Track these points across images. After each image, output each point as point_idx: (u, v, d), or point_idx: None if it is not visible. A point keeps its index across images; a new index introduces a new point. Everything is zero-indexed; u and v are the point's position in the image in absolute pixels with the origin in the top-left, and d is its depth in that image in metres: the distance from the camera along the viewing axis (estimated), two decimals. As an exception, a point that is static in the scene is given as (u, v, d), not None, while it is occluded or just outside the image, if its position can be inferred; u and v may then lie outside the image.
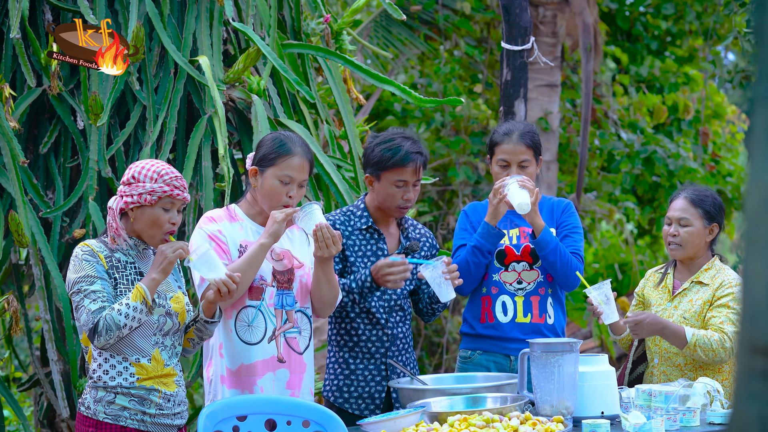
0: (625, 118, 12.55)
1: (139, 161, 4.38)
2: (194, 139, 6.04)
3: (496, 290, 5.33)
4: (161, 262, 4.20)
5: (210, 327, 4.44)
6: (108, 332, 4.15)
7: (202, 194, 6.04)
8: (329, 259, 4.70)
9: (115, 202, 4.31)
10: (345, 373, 5.12)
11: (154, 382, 4.29)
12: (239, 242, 4.71)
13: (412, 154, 5.03)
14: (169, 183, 4.28)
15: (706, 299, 5.20)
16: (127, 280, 4.27)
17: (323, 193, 6.30)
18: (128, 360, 4.25)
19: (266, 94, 6.23)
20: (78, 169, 6.31)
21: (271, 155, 4.70)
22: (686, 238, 5.23)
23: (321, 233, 4.62)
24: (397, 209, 5.08)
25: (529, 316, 5.34)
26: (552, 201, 5.49)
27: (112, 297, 4.22)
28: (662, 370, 5.24)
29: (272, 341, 4.73)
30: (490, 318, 5.33)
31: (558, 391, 4.52)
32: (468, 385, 4.75)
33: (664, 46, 13.24)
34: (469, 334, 5.38)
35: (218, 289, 4.29)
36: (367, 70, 6.33)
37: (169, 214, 4.29)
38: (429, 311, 5.27)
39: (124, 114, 6.28)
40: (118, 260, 4.28)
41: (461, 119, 11.59)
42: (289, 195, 4.69)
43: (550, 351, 4.55)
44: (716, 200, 5.29)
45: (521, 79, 6.99)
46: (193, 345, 4.49)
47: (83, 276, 4.22)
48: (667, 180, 11.85)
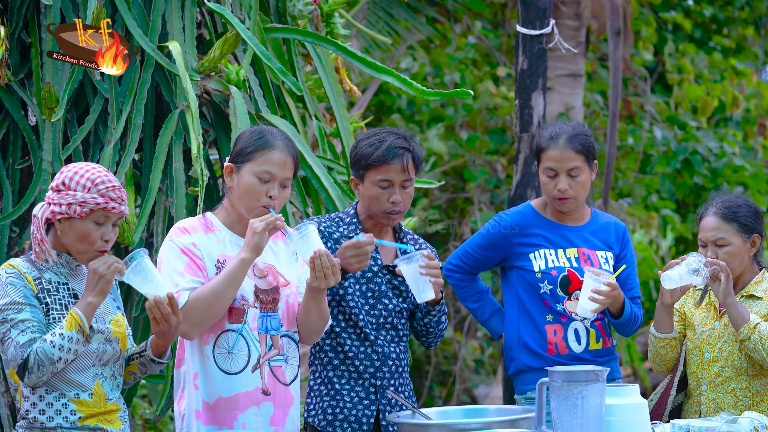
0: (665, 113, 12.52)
1: (74, 164, 4.32)
2: (164, 137, 6.03)
3: (565, 318, 5.39)
4: (97, 283, 4.15)
5: (154, 366, 4.41)
6: (40, 368, 4.10)
7: (172, 200, 6.02)
8: (324, 289, 4.68)
9: (41, 210, 4.25)
10: (330, 393, 5.09)
11: (98, 420, 4.25)
12: (216, 256, 4.68)
13: (396, 149, 5.01)
14: (104, 194, 4.22)
15: (763, 314, 5.22)
16: (60, 305, 4.23)
17: (311, 198, 6.29)
18: (66, 396, 4.20)
19: (246, 85, 6.21)
20: (29, 171, 6.29)
21: (248, 149, 4.67)
22: (728, 260, 5.24)
23: (320, 261, 4.60)
24: (384, 214, 5.06)
25: (602, 341, 5.43)
26: (610, 221, 5.57)
27: (43, 326, 4.16)
28: (712, 398, 5.26)
29: (256, 370, 4.70)
30: (562, 349, 5.39)
31: (582, 426, 4.50)
32: (478, 420, 4.71)
33: (708, 36, 13.21)
34: (534, 369, 5.37)
35: (157, 316, 4.23)
36: (362, 58, 6.31)
37: (102, 229, 4.24)
38: (422, 330, 5.24)
39: (82, 108, 6.27)
40: (48, 281, 4.23)
41: (477, 113, 11.57)
42: (270, 195, 4.65)
43: (572, 380, 4.52)
44: (750, 207, 5.29)
45: (539, 68, 6.97)
46: (133, 378, 4.46)
47: (9, 303, 4.15)
48: (710, 181, 11.81)
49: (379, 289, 5.10)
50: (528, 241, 5.42)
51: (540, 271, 5.37)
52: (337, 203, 6.07)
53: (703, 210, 5.36)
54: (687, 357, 5.36)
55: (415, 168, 5.06)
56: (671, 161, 11.76)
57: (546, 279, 5.36)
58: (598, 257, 5.42)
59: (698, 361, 5.31)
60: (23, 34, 6.21)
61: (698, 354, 5.31)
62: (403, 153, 5.01)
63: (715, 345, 5.27)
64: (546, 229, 5.43)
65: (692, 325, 5.36)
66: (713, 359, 5.27)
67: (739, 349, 5.21)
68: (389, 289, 5.11)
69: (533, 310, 5.40)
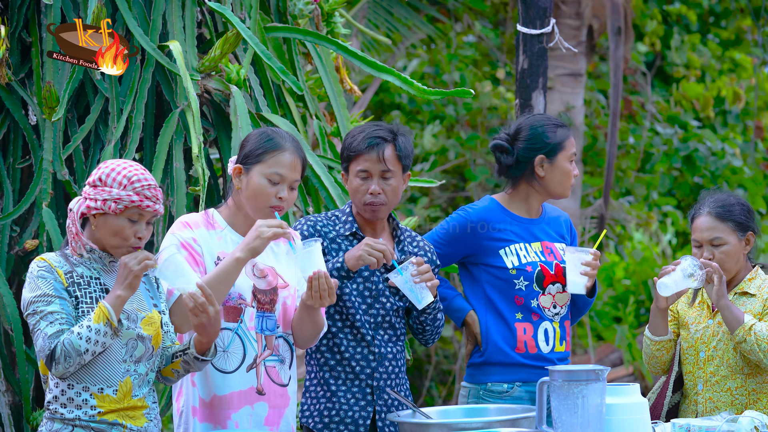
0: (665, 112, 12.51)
1: (111, 161, 4.36)
2: (164, 136, 6.02)
3: (537, 317, 5.35)
4: (126, 277, 4.17)
5: (198, 364, 4.41)
6: (67, 359, 4.13)
7: (173, 200, 6.02)
8: (318, 309, 4.69)
9: (77, 204, 4.30)
10: (327, 395, 5.08)
11: (118, 416, 4.26)
12: (216, 253, 4.69)
13: (372, 138, 5.00)
14: (140, 192, 4.25)
15: (757, 312, 5.23)
16: (90, 298, 4.25)
17: (311, 197, 6.28)
18: (89, 390, 4.23)
19: (247, 84, 6.21)
20: (30, 170, 6.29)
21: (257, 151, 4.69)
22: (724, 260, 5.25)
23: (317, 282, 4.60)
24: (363, 206, 5.04)
25: (564, 344, 5.42)
26: (558, 213, 5.57)
27: (72, 318, 4.20)
28: (708, 397, 5.25)
29: (252, 370, 4.71)
30: (531, 347, 5.35)
31: (582, 426, 4.50)
32: (479, 419, 4.71)
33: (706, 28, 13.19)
34: (502, 363, 5.36)
35: (192, 308, 4.26)
36: (362, 58, 6.31)
37: (136, 226, 4.27)
38: (419, 328, 5.22)
39: (83, 108, 6.26)
40: (80, 275, 4.27)
41: (478, 112, 11.56)
42: (279, 197, 4.66)
43: (573, 380, 4.52)
44: (743, 205, 5.31)
45: (540, 67, 6.96)
46: (177, 376, 4.47)
47: (39, 295, 4.19)
48: (710, 181, 11.82)
49: (376, 288, 5.09)
50: (497, 235, 5.37)
51: (514, 267, 5.33)
52: (338, 202, 6.07)
53: (695, 210, 5.35)
54: (682, 357, 5.35)
55: (400, 161, 5.03)
56: (672, 159, 11.75)
57: (522, 275, 5.32)
58: (558, 249, 5.40)
59: (693, 360, 5.30)
60: (24, 34, 6.21)
61: (693, 354, 5.31)
62: (380, 142, 5.00)
63: (710, 344, 5.26)
64: (512, 224, 5.39)
65: (686, 325, 5.36)
66: (708, 358, 5.27)
67: (734, 348, 5.21)
68: (387, 287, 5.10)
69: (503, 308, 5.34)
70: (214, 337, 4.35)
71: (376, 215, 5.07)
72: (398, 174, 5.05)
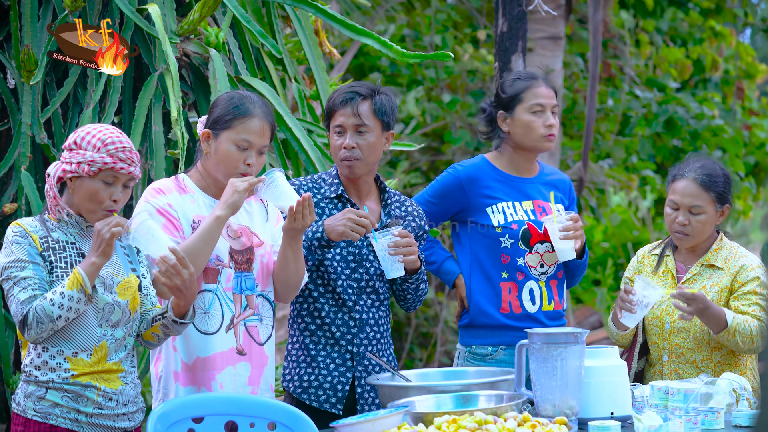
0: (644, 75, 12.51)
1: (88, 125, 4.37)
2: (143, 99, 6.00)
3: (522, 276, 5.37)
4: (99, 244, 4.17)
5: (177, 327, 4.41)
6: (39, 325, 4.15)
7: (152, 163, 6.00)
8: (301, 232, 4.68)
9: (55, 168, 4.32)
10: (307, 360, 5.08)
11: (92, 378, 4.28)
12: (192, 217, 4.69)
13: (347, 93, 5.01)
14: (113, 154, 4.26)
15: (724, 285, 5.20)
16: (65, 263, 4.26)
17: (291, 161, 6.27)
18: (63, 354, 4.24)
19: (226, 47, 6.18)
20: (8, 134, 6.26)
21: (226, 117, 4.68)
22: (698, 228, 5.23)
23: (300, 207, 4.59)
24: (340, 163, 5.04)
25: (553, 303, 5.42)
26: (558, 175, 5.59)
27: (45, 284, 4.21)
28: (673, 368, 5.23)
29: (230, 330, 4.72)
30: (516, 308, 5.37)
31: (561, 388, 4.51)
32: (458, 382, 4.73)
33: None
34: (486, 326, 5.37)
35: (164, 271, 4.25)
36: (341, 21, 6.28)
37: (111, 188, 4.28)
38: (401, 295, 5.22)
39: (61, 71, 6.23)
40: (56, 240, 4.27)
41: (458, 76, 11.54)
42: (248, 162, 4.67)
43: (551, 342, 4.53)
44: (728, 178, 5.26)
45: (519, 30, 6.95)
46: (157, 340, 4.48)
47: (13, 261, 4.22)
48: (690, 144, 11.83)
49: (359, 253, 5.08)
50: (485, 192, 5.39)
51: (500, 225, 5.35)
52: (317, 165, 6.05)
53: (678, 170, 5.29)
54: (647, 326, 5.31)
55: (378, 117, 5.01)
56: (652, 123, 11.75)
57: (507, 233, 5.34)
58: (551, 209, 5.39)
59: (659, 332, 5.27)
60: (1, -3, 6.18)
61: (658, 324, 5.27)
62: (354, 97, 5.00)
63: (675, 314, 5.21)
64: (502, 181, 5.40)
65: None
66: (673, 330, 5.23)
67: (700, 321, 5.16)
68: (370, 252, 5.09)
69: (488, 267, 5.37)
70: (191, 300, 4.35)
71: (353, 171, 5.04)
72: (375, 130, 5.02)
